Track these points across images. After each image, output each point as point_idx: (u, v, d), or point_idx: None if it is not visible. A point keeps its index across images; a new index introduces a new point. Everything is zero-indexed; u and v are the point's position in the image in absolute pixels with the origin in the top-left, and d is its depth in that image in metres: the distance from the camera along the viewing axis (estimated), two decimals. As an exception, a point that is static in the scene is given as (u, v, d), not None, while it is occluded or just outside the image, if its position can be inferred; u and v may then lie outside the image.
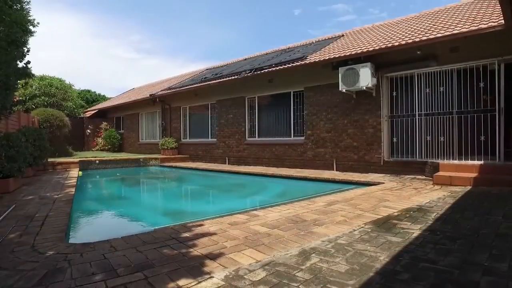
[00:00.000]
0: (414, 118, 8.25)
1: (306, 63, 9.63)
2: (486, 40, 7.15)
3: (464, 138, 7.54)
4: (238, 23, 75.52)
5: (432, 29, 8.16)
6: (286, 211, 4.36)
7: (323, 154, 9.89)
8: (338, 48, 10.05)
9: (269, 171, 9.76)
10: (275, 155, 11.25)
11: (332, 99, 9.67)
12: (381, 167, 8.67)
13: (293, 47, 14.07)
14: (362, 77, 8.35)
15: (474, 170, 6.87)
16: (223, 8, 69.46)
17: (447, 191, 5.80)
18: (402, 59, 8.29)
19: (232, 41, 79.21)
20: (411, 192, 5.72)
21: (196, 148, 14.66)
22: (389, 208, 4.48)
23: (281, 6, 70.88)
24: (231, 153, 12.90)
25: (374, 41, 9.16)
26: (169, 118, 16.23)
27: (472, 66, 7.42)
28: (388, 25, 11.43)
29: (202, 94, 14.19)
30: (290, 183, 8.69)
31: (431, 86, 8.00)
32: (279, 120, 11.46)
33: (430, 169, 7.78)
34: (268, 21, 76.45)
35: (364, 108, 8.96)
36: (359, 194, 5.60)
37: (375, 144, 8.78)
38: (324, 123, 9.85)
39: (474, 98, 7.45)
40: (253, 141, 12.13)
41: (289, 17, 75.28)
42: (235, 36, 78.84)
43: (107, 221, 5.20)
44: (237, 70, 12.92)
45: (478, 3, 9.77)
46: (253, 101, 12.30)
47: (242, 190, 8.55)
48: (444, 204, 4.70)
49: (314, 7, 71.49)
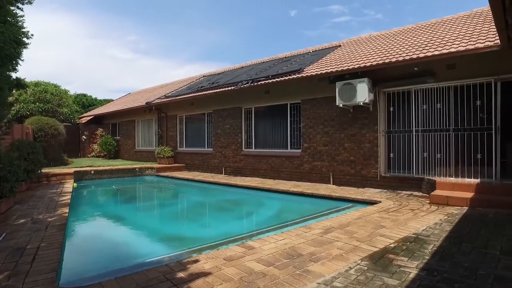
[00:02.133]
0: (411, 134, 8.23)
1: (302, 76, 9.60)
2: (483, 59, 7.15)
3: (461, 156, 7.54)
4: (234, 24, 75.41)
5: (429, 44, 8.14)
6: (281, 241, 4.30)
7: (319, 167, 9.86)
8: (335, 60, 10.02)
9: (265, 185, 9.70)
10: (271, 166, 11.20)
11: (329, 113, 9.64)
12: (378, 182, 8.65)
13: (290, 56, 14.04)
14: (359, 92, 8.32)
15: (471, 189, 6.86)
16: (219, 8, 69.34)
17: (444, 214, 5.78)
18: (399, 75, 8.28)
19: (228, 42, 79.14)
20: (407, 215, 5.68)
21: (193, 157, 14.59)
22: (386, 237, 4.44)
23: (278, 7, 70.92)
24: (227, 163, 12.84)
25: (371, 55, 9.14)
26: (165, 126, 16.15)
27: (469, 84, 7.42)
28: (386, 36, 11.41)
29: (199, 103, 14.13)
30: (287, 199, 8.64)
31: (428, 103, 7.98)
32: (276, 132, 11.42)
33: (427, 185, 7.77)
34: (264, 21, 76.40)
35: (361, 123, 8.93)
36: (355, 217, 5.55)
37: (371, 158, 8.76)
38: (321, 136, 9.82)
39: (471, 116, 7.44)
40: (250, 152, 12.08)
41: (285, 18, 75.26)
42: (231, 36, 78.75)
43: (101, 251, 5.09)
44: (233, 79, 12.87)
45: (475, 17, 9.77)
46: (250, 112, 12.25)
47: (238, 208, 8.42)
48: (441, 232, 4.67)
49: (310, 8, 71.52)
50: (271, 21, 75.45)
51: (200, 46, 77.67)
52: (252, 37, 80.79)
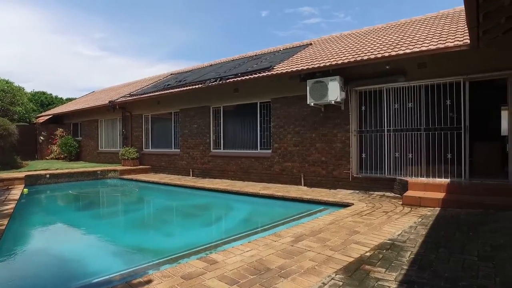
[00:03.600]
0: (383, 134, 8.08)
1: (272, 74, 9.24)
2: (452, 58, 7.10)
3: (432, 155, 7.46)
4: (205, 23, 74.41)
5: (401, 43, 8.03)
6: (248, 253, 3.88)
7: (290, 168, 9.54)
8: (306, 58, 9.74)
9: (234, 187, 9.26)
10: (241, 168, 10.77)
11: (300, 112, 9.34)
12: (350, 183, 8.44)
13: (261, 54, 13.67)
14: (330, 90, 8.06)
15: (442, 189, 6.76)
16: (190, 8, 68.17)
17: (418, 216, 5.59)
18: (371, 73, 8.10)
19: (200, 41, 78.04)
20: (381, 219, 5.43)
21: (159, 158, 13.89)
22: (361, 244, 4.12)
23: (249, 7, 70.67)
24: (195, 164, 12.27)
25: (342, 53, 8.93)
26: (130, 126, 15.30)
27: (439, 83, 7.35)
28: (356, 35, 11.29)
29: (165, 102, 13.45)
30: (256, 202, 8.24)
31: (399, 102, 7.86)
32: (245, 132, 11.00)
33: (398, 186, 7.63)
34: (235, 22, 76.03)
35: (333, 122, 8.69)
36: (328, 222, 5.23)
37: (343, 159, 8.54)
38: (292, 136, 9.50)
39: (441, 115, 7.37)
40: (219, 153, 11.59)
41: (256, 18, 75.25)
42: (203, 36, 77.67)
43: (41, 271, 4.39)
44: (201, 77, 12.32)
45: (442, 18, 9.84)
46: (218, 111, 11.76)
47: (204, 214, 7.86)
48: (417, 236, 4.43)
49: (281, 8, 71.97)
50: (243, 21, 75.15)
51: (173, 45, 75.99)
52: (224, 37, 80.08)
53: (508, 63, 6.70)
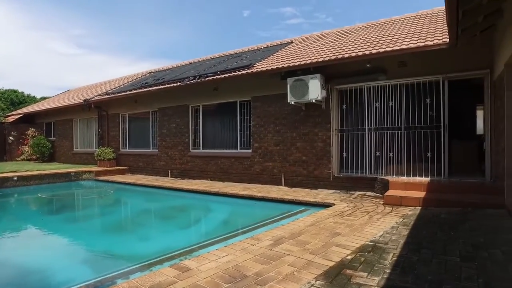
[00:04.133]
0: (364, 133, 8.01)
1: (252, 72, 9.03)
2: (432, 57, 7.09)
3: (413, 154, 7.43)
4: (187, 22, 73.57)
5: (381, 42, 7.98)
6: (224, 258, 3.65)
7: (271, 168, 9.35)
8: (286, 56, 9.58)
9: (213, 188, 8.99)
10: (220, 168, 10.51)
11: (280, 110, 9.17)
12: (331, 183, 8.33)
13: (241, 52, 13.45)
14: (311, 89, 7.92)
15: (423, 188, 6.73)
16: (172, 6, 67.18)
17: (399, 215, 5.50)
18: (352, 71, 8.02)
19: (182, 40, 77.06)
20: (363, 219, 5.31)
21: (137, 159, 13.44)
22: (342, 247, 3.96)
23: (231, 6, 70.30)
24: (174, 165, 11.92)
25: (323, 51, 8.82)
26: (106, 126, 14.77)
27: (419, 82, 7.32)
28: (337, 34, 11.24)
29: (143, 101, 13.03)
30: (236, 203, 8.01)
31: (380, 100, 7.80)
32: (225, 131, 10.74)
33: (379, 185, 7.56)
34: (217, 21, 75.45)
35: (314, 121, 8.56)
36: (308, 224, 5.06)
37: (324, 158, 8.42)
38: (272, 136, 9.32)
39: (421, 114, 7.35)
40: (198, 153, 11.29)
41: (238, 18, 74.97)
42: (185, 34, 76.72)
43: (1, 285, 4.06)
44: (180, 75, 11.98)
45: (421, 18, 9.90)
46: (197, 110, 11.46)
47: (181, 216, 7.51)
48: (399, 237, 4.31)
49: (263, 9, 72.04)
50: (225, 20, 74.74)
51: (154, 43, 74.61)
52: (206, 36, 79.37)
53: (484, 62, 6.74)
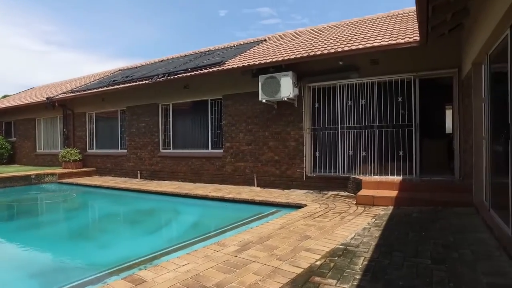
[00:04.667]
0: (336, 132, 7.89)
1: (223, 69, 8.75)
2: (403, 55, 7.06)
3: (385, 153, 7.38)
4: (162, 20, 72.11)
5: (353, 39, 7.89)
6: (184, 267, 3.35)
7: (243, 168, 9.10)
8: (259, 54, 9.36)
9: (183, 190, 8.64)
10: (191, 169, 10.15)
11: (252, 109, 8.93)
12: (304, 183, 8.17)
13: (213, 50, 13.11)
14: (283, 86, 7.73)
15: (395, 187, 6.67)
16: (147, 2, 65.60)
17: (371, 216, 5.38)
18: (324, 69, 7.89)
19: (156, 38, 75.46)
20: (334, 221, 5.14)
21: (104, 160, 12.82)
22: (311, 251, 3.76)
23: (207, 6, 69.54)
24: (143, 166, 11.44)
25: (296, 48, 8.66)
26: (72, 126, 14.01)
27: (391, 80, 7.28)
28: (311, 32, 11.13)
29: (111, 99, 12.44)
30: (206, 205, 7.70)
31: (353, 99, 7.71)
32: (196, 131, 10.39)
33: (352, 185, 7.47)
34: (193, 20, 74.46)
35: (286, 120, 8.38)
36: (278, 227, 4.83)
37: (297, 158, 8.25)
38: (244, 135, 9.07)
39: (393, 112, 7.31)
40: (168, 153, 10.87)
41: (214, 18, 74.32)
42: (159, 33, 75.20)
43: None
44: (150, 73, 11.52)
45: (392, 17, 9.97)
46: (168, 108, 11.04)
47: (146, 221, 7.05)
48: (371, 239, 4.15)
49: (239, 9, 71.75)
50: (201, 19, 73.84)
51: (127, 40, 72.55)
52: (182, 34, 78.10)
53: (453, 61, 6.78)
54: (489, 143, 4.68)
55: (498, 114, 4.36)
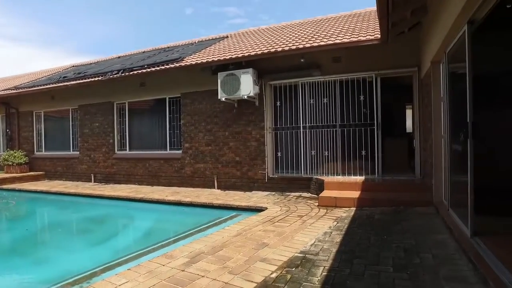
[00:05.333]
0: (298, 131, 7.67)
1: (181, 66, 8.29)
2: (365, 53, 6.97)
3: (347, 153, 7.25)
4: (125, 16, 69.42)
5: (315, 37, 7.72)
6: (122, 286, 2.92)
7: (203, 170, 8.67)
8: (219, 51, 8.97)
9: (139, 194, 8.07)
10: (149, 171, 9.57)
11: (212, 108, 8.52)
12: (266, 184, 7.88)
13: (174, 47, 12.55)
14: (243, 84, 7.40)
15: (357, 188, 6.53)
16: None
17: (333, 219, 5.16)
18: (286, 67, 7.64)
19: (119, 35, 72.61)
20: (295, 225, 4.87)
21: (55, 163, 11.86)
22: (267, 262, 3.44)
23: (174, 3, 67.92)
24: (97, 169, 10.67)
25: (257, 45, 8.36)
26: (17, 126, 12.86)
27: (353, 78, 7.16)
28: (273, 29, 10.91)
29: (61, 97, 11.50)
30: (161, 211, 7.20)
31: (315, 97, 7.52)
32: (153, 131, 9.81)
33: (315, 186, 7.27)
34: (158, 17, 72.42)
35: (247, 119, 8.06)
36: (234, 234, 4.48)
37: (258, 158, 7.95)
38: (204, 135, 8.64)
39: (355, 111, 7.20)
40: (124, 155, 10.20)
41: (180, 16, 72.77)
42: (122, 30, 72.44)
43: None
44: (104, 69, 10.78)
45: (355, 16, 9.98)
46: (123, 107, 10.36)
47: (92, 230, 6.38)
48: (331, 245, 3.90)
49: (206, 7, 70.72)
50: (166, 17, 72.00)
51: (88, 37, 69.07)
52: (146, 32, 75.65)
53: (413, 60, 6.77)
54: (449, 142, 4.61)
55: (457, 113, 4.28)
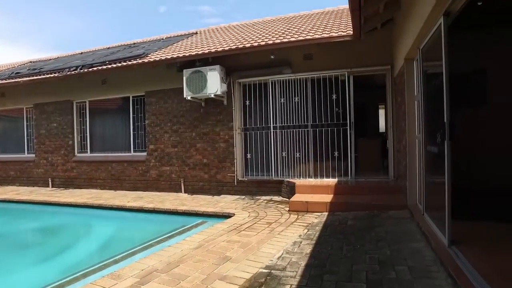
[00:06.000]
0: (269, 131, 7.31)
1: (144, 62, 7.73)
2: (337, 51, 6.74)
3: (320, 154, 6.96)
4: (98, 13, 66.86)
5: (286, 33, 7.39)
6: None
7: (169, 173, 8.14)
8: (186, 47, 8.47)
9: (98, 200, 7.45)
10: (111, 174, 8.93)
11: (178, 107, 8.02)
12: (235, 188, 7.47)
13: (140, 43, 11.90)
14: (210, 82, 6.95)
15: (330, 191, 6.24)
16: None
17: (304, 226, 4.82)
18: (255, 64, 7.27)
19: (91, 32, 69.90)
20: (262, 234, 4.48)
21: (7, 167, 10.91)
22: (228, 280, 3.02)
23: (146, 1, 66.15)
24: (55, 173, 9.88)
25: (226, 42, 7.93)
26: (-36, 126, 11.77)
27: (325, 76, 6.87)
28: (245, 26, 10.51)
29: (13, 95, 10.60)
30: (121, 218, 6.64)
31: (286, 96, 7.18)
32: (116, 132, 9.17)
33: (286, 189, 6.93)
34: (131, 14, 70.38)
35: (215, 119, 7.61)
36: (194, 246, 4.03)
37: (227, 160, 7.53)
38: (170, 136, 8.11)
39: (327, 111, 6.91)
40: (85, 158, 9.48)
41: (153, 14, 71.02)
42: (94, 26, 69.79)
43: None
44: (63, 66, 9.98)
45: (328, 14, 9.77)
46: (84, 106, 9.63)
47: (39, 244, 5.67)
48: (300, 258, 3.54)
49: (180, 6, 69.44)
50: (139, 15, 70.09)
51: (58, 33, 65.93)
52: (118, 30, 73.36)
53: (386, 58, 6.57)
54: (423, 143, 4.36)
55: (432, 113, 4.03)
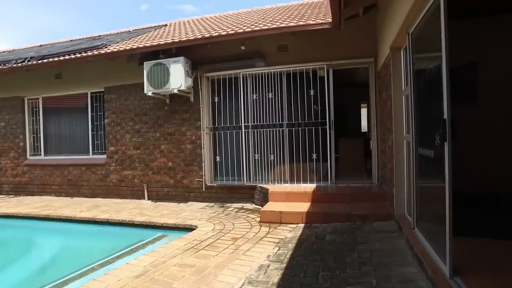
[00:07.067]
0: (240, 131, 6.56)
1: (101, 53, 6.86)
2: (315, 41, 6.07)
3: (296, 156, 6.26)
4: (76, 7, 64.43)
5: (260, 22, 6.67)
6: None
7: (131, 177, 7.29)
8: (149, 38, 7.64)
9: (46, 210, 6.53)
10: (68, 180, 7.99)
11: (140, 104, 7.18)
12: (204, 194, 6.70)
13: (106, 35, 10.93)
14: (173, 76, 6.15)
15: (307, 198, 5.54)
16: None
17: (275, 242, 4.10)
18: (225, 56, 6.51)
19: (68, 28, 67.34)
20: (224, 254, 3.72)
21: (-48, 171, 9.76)
22: (164, 331, 2.26)
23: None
24: (4, 178, 8.84)
25: (194, 32, 7.14)
26: None
27: (302, 70, 6.18)
28: (218, 18, 9.72)
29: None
30: (69, 232, 5.76)
31: (258, 92, 6.46)
32: (74, 132, 8.23)
33: (259, 195, 6.21)
34: (112, 11, 68.27)
35: (180, 117, 6.82)
36: (137, 273, 3.23)
37: (195, 164, 6.75)
38: (131, 136, 7.26)
39: (305, 108, 6.22)
40: (38, 161, 8.49)
41: (135, 11, 69.19)
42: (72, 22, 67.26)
43: None
44: (13, 58, 8.95)
45: (306, 5, 9.12)
46: (37, 104, 8.63)
47: None
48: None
49: (162, 5, 67.90)
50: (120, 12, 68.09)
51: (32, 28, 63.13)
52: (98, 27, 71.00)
53: (368, 50, 5.94)
54: (414, 144, 3.70)
55: (425, 109, 3.38)
